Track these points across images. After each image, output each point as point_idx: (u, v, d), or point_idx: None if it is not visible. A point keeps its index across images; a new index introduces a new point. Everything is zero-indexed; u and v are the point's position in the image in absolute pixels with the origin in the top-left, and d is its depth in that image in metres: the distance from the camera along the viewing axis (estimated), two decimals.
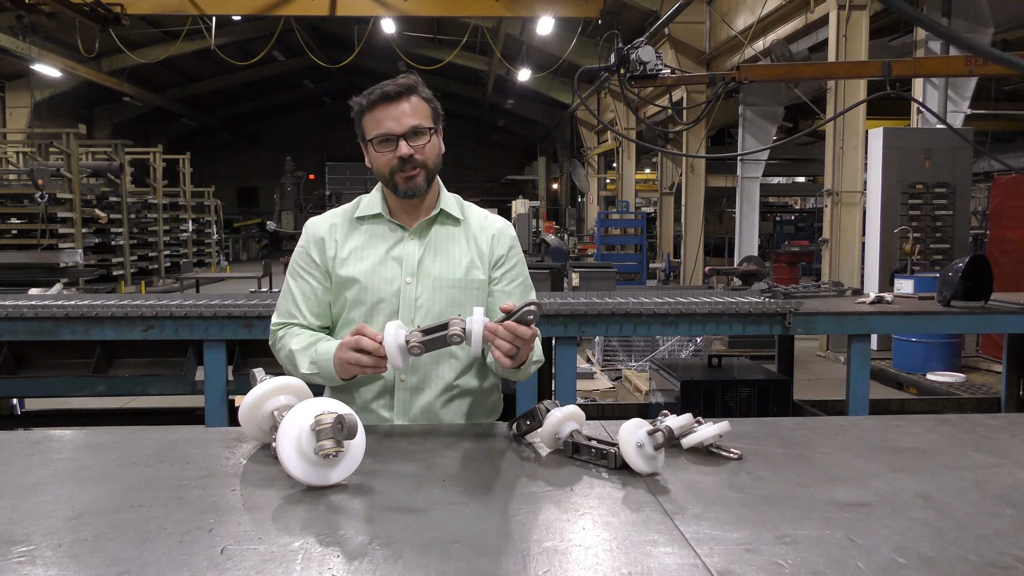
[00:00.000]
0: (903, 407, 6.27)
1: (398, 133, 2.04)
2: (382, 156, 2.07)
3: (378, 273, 2.12)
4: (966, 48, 1.70)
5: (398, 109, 2.04)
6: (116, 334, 4.29)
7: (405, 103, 2.04)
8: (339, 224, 2.19)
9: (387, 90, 2.03)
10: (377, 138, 2.05)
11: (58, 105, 23.27)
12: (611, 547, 1.30)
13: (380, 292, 2.11)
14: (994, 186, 10.06)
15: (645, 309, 4.42)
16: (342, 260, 2.14)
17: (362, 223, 2.18)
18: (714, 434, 1.75)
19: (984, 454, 1.80)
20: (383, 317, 2.10)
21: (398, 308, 2.10)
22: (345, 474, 1.59)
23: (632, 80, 5.52)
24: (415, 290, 2.11)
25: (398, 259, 2.13)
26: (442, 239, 2.17)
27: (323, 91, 34.69)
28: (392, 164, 2.06)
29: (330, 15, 14.83)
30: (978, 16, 9.18)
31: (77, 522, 1.38)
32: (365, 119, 2.08)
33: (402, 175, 2.07)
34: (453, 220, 2.20)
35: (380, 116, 2.04)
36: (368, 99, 2.05)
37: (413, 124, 2.05)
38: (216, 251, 25.20)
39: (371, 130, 2.06)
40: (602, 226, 16.69)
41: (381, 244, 2.15)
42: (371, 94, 2.06)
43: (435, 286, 2.12)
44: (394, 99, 2.04)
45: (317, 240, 2.17)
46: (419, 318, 2.10)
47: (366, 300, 2.11)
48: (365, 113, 2.07)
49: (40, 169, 13.21)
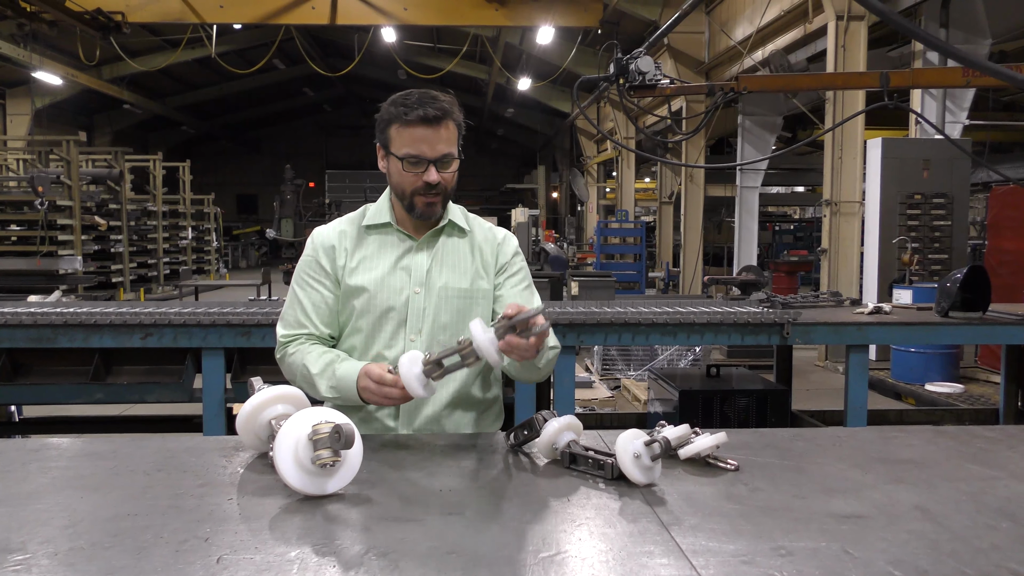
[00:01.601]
0: (901, 418, 6.27)
1: (430, 158, 2.02)
2: (408, 175, 2.05)
3: (387, 283, 2.12)
4: (959, 60, 1.70)
5: (435, 134, 2.01)
6: (115, 341, 4.29)
7: (442, 128, 2.02)
8: (348, 233, 2.19)
9: (428, 114, 1.99)
10: (408, 158, 2.03)
11: (58, 112, 23.32)
12: (607, 558, 1.30)
13: (389, 301, 2.11)
14: (992, 197, 10.08)
15: (643, 318, 4.42)
16: (351, 269, 2.14)
17: (370, 232, 2.18)
18: (711, 445, 1.75)
19: (981, 466, 1.80)
20: (391, 326, 2.11)
21: (406, 318, 2.11)
22: (342, 484, 1.59)
23: (631, 90, 5.53)
24: (423, 300, 2.12)
25: (407, 269, 2.14)
26: (449, 250, 2.18)
27: (323, 99, 34.77)
28: (416, 186, 2.05)
29: (330, 24, 14.84)
30: (976, 27, 9.21)
31: (74, 530, 1.38)
32: (396, 131, 2.04)
33: (424, 199, 2.07)
34: (459, 231, 2.20)
35: (415, 135, 2.01)
36: (406, 115, 2.00)
37: (445, 152, 2.04)
38: (215, 258, 25.20)
39: (401, 146, 2.03)
40: (601, 235, 16.67)
41: (390, 254, 2.15)
42: (409, 109, 2.00)
43: (441, 296, 2.13)
44: (432, 123, 2.00)
45: (327, 248, 2.16)
46: (427, 328, 2.11)
47: (375, 309, 2.12)
48: (397, 125, 2.03)
49: (40, 176, 13.20)
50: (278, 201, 18.38)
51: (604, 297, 8.60)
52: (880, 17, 1.62)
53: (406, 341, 2.11)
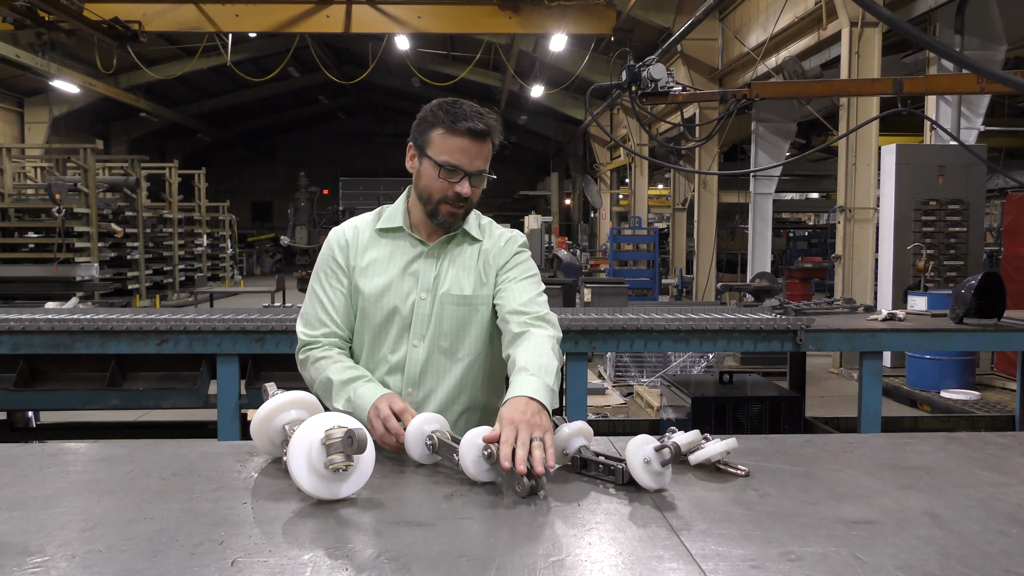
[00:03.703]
0: (916, 425, 6.23)
1: (468, 171, 2.05)
2: (440, 182, 2.06)
3: (395, 287, 2.14)
4: (968, 67, 1.70)
5: (477, 148, 2.04)
6: (130, 348, 4.33)
7: (484, 145, 2.06)
8: (362, 232, 2.21)
9: (476, 127, 2.01)
10: (447, 165, 2.04)
11: (76, 120, 23.53)
12: (617, 563, 1.31)
13: (394, 307, 2.13)
14: (1008, 203, 10.01)
15: (656, 325, 4.43)
16: (361, 269, 2.16)
17: (383, 235, 2.20)
18: (721, 451, 1.75)
19: (992, 472, 1.80)
20: (396, 331, 2.13)
21: (411, 322, 2.13)
22: (355, 488, 1.60)
23: (643, 97, 5.54)
24: (428, 306, 2.13)
25: (415, 274, 2.15)
26: (457, 257, 2.19)
27: (337, 107, 34.91)
28: (446, 194, 2.07)
29: (345, 32, 14.93)
30: (991, 33, 9.17)
31: (91, 534, 1.40)
32: (440, 136, 2.05)
33: (450, 208, 2.09)
34: (471, 239, 2.22)
35: (458, 145, 2.03)
36: (454, 123, 2.02)
37: (482, 168, 2.07)
38: (230, 265, 25.33)
39: (441, 152, 2.04)
40: (614, 242, 16.67)
41: (401, 258, 2.17)
42: (457, 118, 2.02)
43: (443, 303, 2.14)
44: (478, 137, 2.03)
45: (343, 246, 2.19)
46: (430, 334, 2.13)
47: (380, 312, 2.13)
48: (441, 130, 2.04)
49: (57, 184, 13.34)
50: (292, 208, 18.47)
51: (617, 304, 8.58)
52: (889, 25, 1.63)
53: (409, 346, 2.13)
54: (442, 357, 2.14)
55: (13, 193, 15.46)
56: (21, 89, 20.99)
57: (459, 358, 2.15)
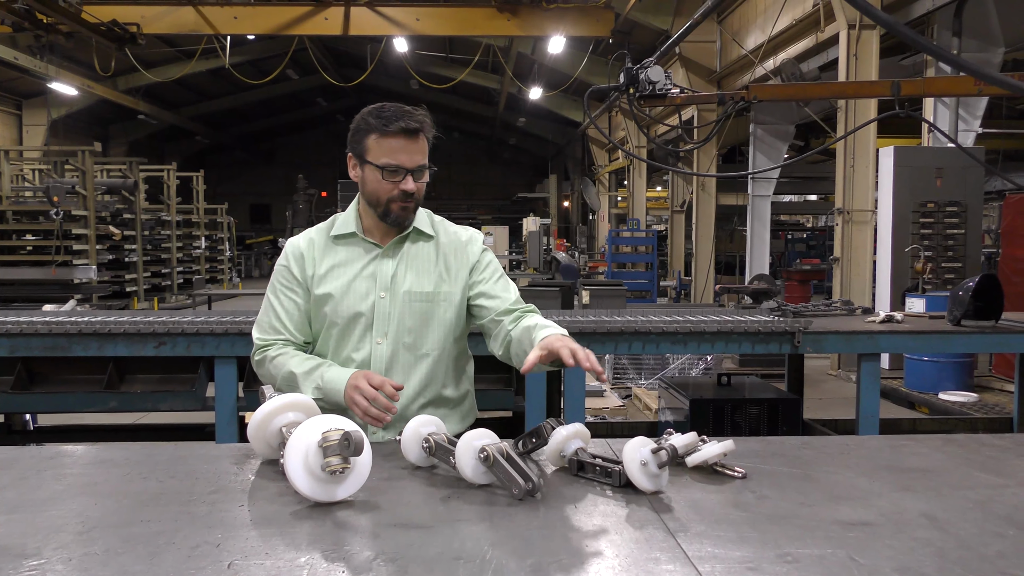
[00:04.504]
0: (914, 427, 6.23)
1: (409, 168, 2.12)
2: (385, 183, 2.14)
3: (353, 289, 2.20)
4: (964, 70, 1.70)
5: (413, 145, 2.12)
6: (128, 350, 4.32)
7: (419, 140, 2.13)
8: (316, 242, 2.27)
9: (409, 126, 2.09)
10: (388, 167, 2.11)
11: (74, 123, 23.53)
12: (614, 565, 1.31)
13: (356, 307, 2.19)
14: (1006, 205, 10.02)
15: (654, 327, 4.43)
16: (320, 277, 2.23)
17: (338, 242, 2.26)
18: (718, 453, 1.75)
19: (989, 474, 1.80)
20: (359, 330, 2.20)
21: (373, 322, 2.19)
22: (352, 490, 1.60)
23: (641, 99, 5.55)
24: (388, 304, 2.20)
25: (373, 275, 2.22)
26: (413, 255, 2.25)
27: (336, 109, 34.84)
28: (393, 194, 2.14)
29: (343, 34, 14.94)
30: (989, 36, 9.17)
31: (88, 536, 1.40)
32: (374, 141, 2.13)
33: (400, 205, 2.16)
34: (425, 237, 2.28)
35: (394, 146, 2.11)
36: (386, 126, 2.10)
37: (422, 163, 2.14)
38: (228, 268, 25.30)
39: (380, 156, 2.12)
40: (613, 244, 16.67)
41: (357, 262, 2.23)
42: (388, 121, 2.10)
43: (405, 300, 2.21)
44: (411, 135, 2.10)
45: (297, 257, 2.26)
46: (392, 331, 2.20)
47: (343, 314, 2.20)
48: (375, 135, 2.12)
49: (56, 186, 13.32)
50: (291, 211, 18.51)
51: (615, 306, 8.57)
52: (886, 28, 1.63)
53: (373, 344, 2.20)
54: (406, 353, 2.21)
55: (11, 195, 15.46)
56: (19, 91, 20.99)
57: (423, 353, 2.22)
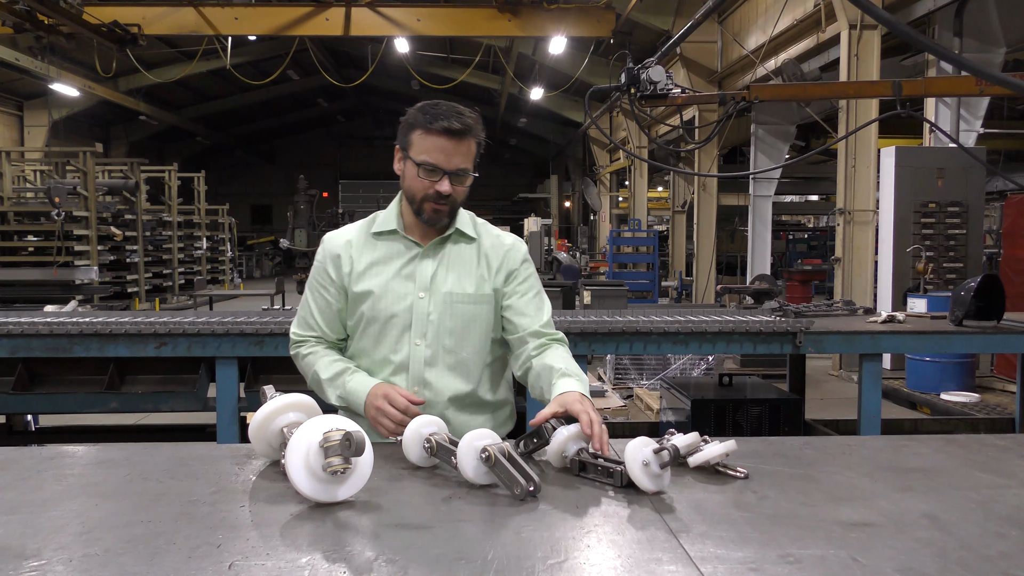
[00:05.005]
0: (916, 427, 6.23)
1: (446, 169, 2.07)
2: (421, 181, 2.09)
3: (392, 288, 2.17)
4: (966, 69, 1.70)
5: (455, 147, 2.06)
6: (129, 351, 4.32)
7: (463, 143, 2.07)
8: (354, 240, 2.24)
9: (452, 126, 2.04)
10: (425, 165, 2.07)
11: (75, 124, 23.55)
12: (615, 565, 1.30)
13: (394, 307, 2.16)
14: (1007, 205, 10.01)
15: (655, 328, 4.42)
16: (358, 275, 2.19)
17: (378, 239, 2.23)
18: (720, 453, 1.75)
19: (991, 475, 1.80)
20: (396, 331, 2.16)
21: (411, 322, 2.15)
22: (353, 491, 1.60)
23: (642, 100, 5.55)
24: (427, 305, 2.16)
25: (411, 275, 2.18)
26: (455, 256, 2.21)
27: (336, 110, 34.93)
28: (427, 192, 2.10)
29: (344, 35, 14.93)
30: (990, 36, 9.16)
31: (88, 537, 1.40)
32: (418, 136, 2.08)
33: (433, 206, 2.11)
34: (467, 238, 2.24)
35: (436, 144, 2.06)
36: (431, 123, 2.05)
37: (462, 167, 2.09)
38: (230, 268, 25.31)
39: (420, 152, 2.08)
40: (614, 244, 16.66)
41: (396, 260, 2.19)
42: (434, 118, 2.05)
43: (446, 301, 2.17)
44: (455, 136, 2.05)
45: (333, 256, 2.23)
46: (431, 332, 2.15)
47: (381, 314, 2.16)
48: (420, 131, 2.07)
49: (57, 187, 13.32)
50: (292, 211, 18.49)
51: (617, 306, 8.57)
52: (887, 27, 1.63)
53: (411, 345, 2.16)
54: (445, 354, 2.17)
55: (12, 196, 15.46)
56: (20, 92, 21.00)
57: (463, 356, 2.18)
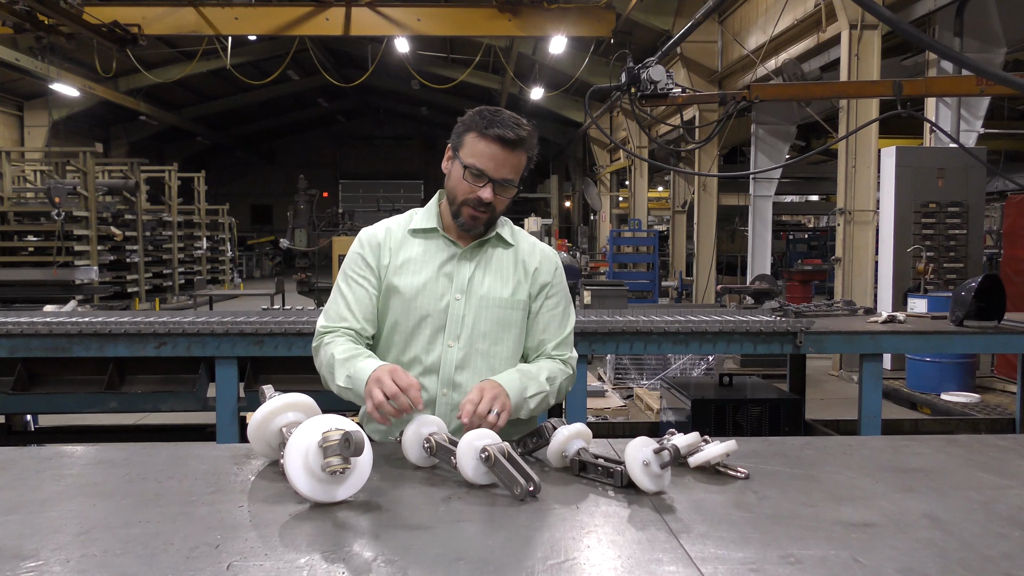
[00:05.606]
0: (916, 427, 6.22)
1: (492, 177, 2.06)
2: (465, 184, 2.09)
3: (429, 287, 2.15)
4: (969, 68, 1.69)
5: (505, 156, 2.06)
6: (129, 351, 4.32)
7: (514, 154, 2.07)
8: (394, 233, 2.22)
9: (507, 136, 2.03)
10: (472, 168, 2.06)
11: (75, 124, 23.55)
12: (616, 566, 1.30)
13: (428, 306, 2.14)
14: (1008, 205, 10.01)
15: (656, 327, 4.42)
16: (396, 268, 2.17)
17: (416, 236, 2.21)
18: (721, 453, 1.75)
19: (992, 475, 1.79)
20: (429, 331, 2.14)
21: (445, 323, 2.14)
22: (352, 491, 1.59)
23: (642, 99, 5.54)
24: (463, 307, 2.14)
25: (449, 275, 2.16)
26: (493, 260, 2.20)
27: (337, 110, 34.92)
28: (468, 196, 2.09)
29: (344, 35, 14.94)
30: (991, 36, 9.16)
31: (86, 537, 1.40)
32: (471, 139, 2.07)
33: (471, 211, 2.11)
34: (504, 243, 2.24)
35: (487, 150, 2.05)
36: (486, 128, 2.04)
37: (508, 177, 2.08)
38: (230, 268, 25.33)
39: (470, 155, 2.07)
40: (614, 244, 16.65)
41: (435, 259, 2.18)
42: (491, 124, 2.04)
43: (482, 305, 2.15)
44: (507, 145, 2.04)
45: (374, 246, 2.20)
46: (465, 334, 2.14)
47: (414, 312, 2.14)
48: (474, 134, 2.07)
49: (57, 187, 13.32)
50: (292, 211, 18.44)
51: (617, 306, 8.55)
52: (889, 25, 1.63)
53: (444, 347, 2.14)
54: (479, 359, 2.15)
55: (12, 196, 15.46)
56: (21, 93, 21.00)
57: (496, 360, 2.16)
